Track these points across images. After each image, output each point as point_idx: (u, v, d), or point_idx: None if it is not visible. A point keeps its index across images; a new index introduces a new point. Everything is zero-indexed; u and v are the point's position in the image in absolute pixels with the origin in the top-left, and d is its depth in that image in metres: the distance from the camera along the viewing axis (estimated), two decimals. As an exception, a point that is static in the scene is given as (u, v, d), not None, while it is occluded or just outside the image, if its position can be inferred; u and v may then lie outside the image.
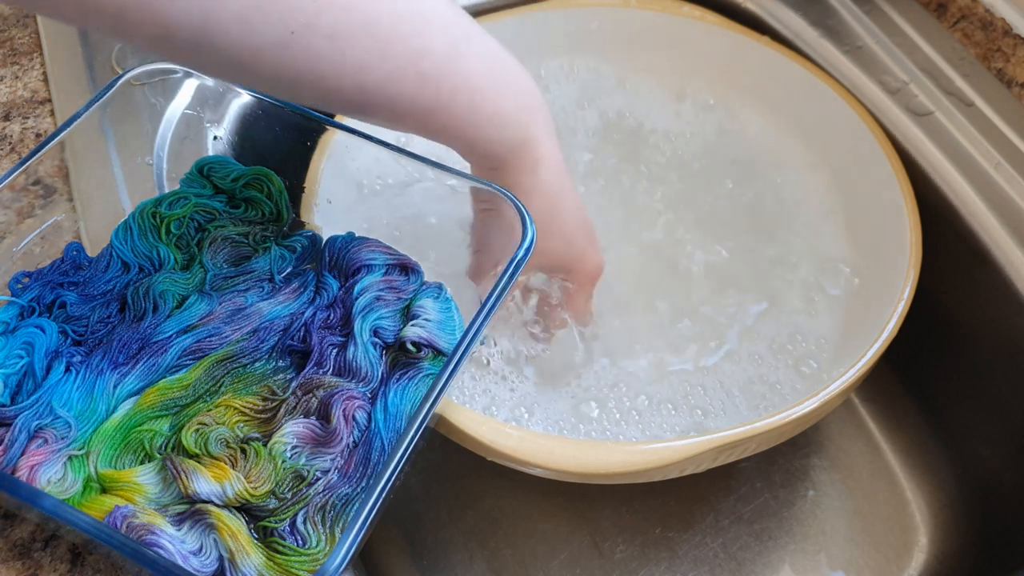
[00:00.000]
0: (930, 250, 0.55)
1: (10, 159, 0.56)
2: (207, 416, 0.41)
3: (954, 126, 0.61)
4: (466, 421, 0.46)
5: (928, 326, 0.60)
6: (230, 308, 0.45)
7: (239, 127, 0.56)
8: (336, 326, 0.45)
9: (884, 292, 0.54)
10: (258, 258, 0.48)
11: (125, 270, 0.47)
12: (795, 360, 0.57)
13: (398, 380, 0.42)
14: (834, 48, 0.66)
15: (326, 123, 0.50)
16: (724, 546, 0.60)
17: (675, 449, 0.46)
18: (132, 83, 0.52)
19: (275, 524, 0.38)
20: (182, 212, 0.49)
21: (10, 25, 0.64)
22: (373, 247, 0.48)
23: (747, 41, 0.67)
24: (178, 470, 0.38)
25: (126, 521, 0.36)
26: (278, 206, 0.50)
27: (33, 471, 0.39)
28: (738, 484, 0.62)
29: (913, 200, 0.57)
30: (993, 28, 0.64)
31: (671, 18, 0.68)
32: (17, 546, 0.42)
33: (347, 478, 0.39)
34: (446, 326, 0.45)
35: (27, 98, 0.60)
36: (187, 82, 0.52)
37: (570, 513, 0.61)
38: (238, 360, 0.43)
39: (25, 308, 0.45)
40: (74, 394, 0.41)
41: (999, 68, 0.63)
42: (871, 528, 0.62)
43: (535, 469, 0.46)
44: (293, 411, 0.42)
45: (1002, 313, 0.56)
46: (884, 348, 0.50)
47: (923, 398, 0.65)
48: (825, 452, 0.65)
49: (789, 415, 0.47)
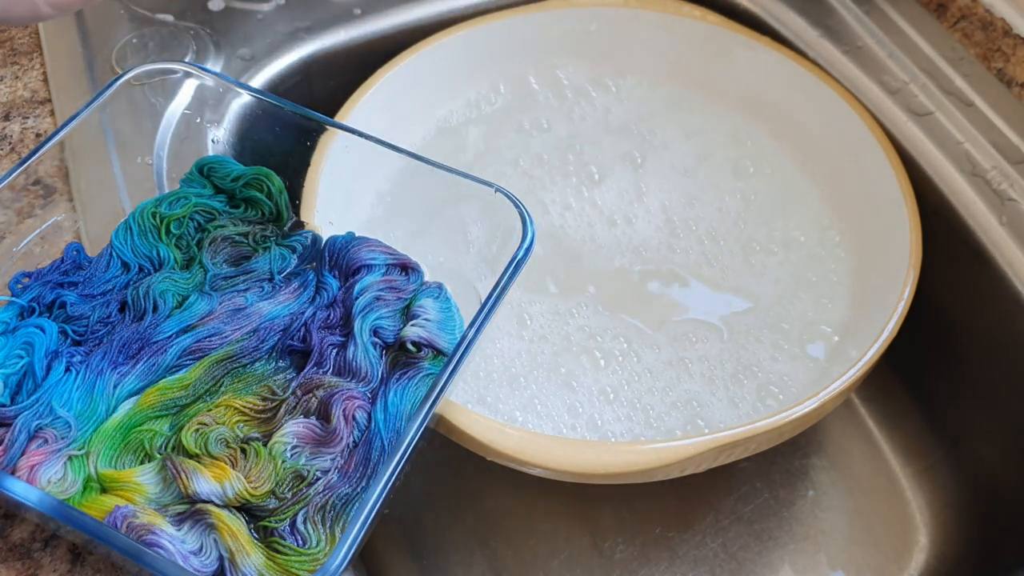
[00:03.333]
0: (930, 250, 0.55)
1: (10, 159, 0.56)
2: (207, 416, 0.41)
3: (954, 126, 0.61)
4: (466, 421, 0.46)
5: (928, 326, 0.60)
6: (230, 308, 0.45)
7: (239, 127, 0.56)
8: (336, 326, 0.45)
9: (884, 292, 0.54)
10: (258, 258, 0.48)
11: (125, 270, 0.47)
12: (795, 360, 0.57)
13: (398, 380, 0.42)
14: (834, 48, 0.66)
15: (326, 123, 0.50)
16: (724, 546, 0.60)
17: (675, 449, 0.46)
18: (132, 83, 0.52)
19: (275, 524, 0.38)
20: (182, 212, 0.49)
21: (10, 25, 0.64)
22: (373, 247, 0.48)
23: (747, 41, 0.67)
24: (178, 470, 0.38)
25: (126, 521, 0.36)
26: (278, 206, 0.50)
27: (33, 471, 0.39)
28: (738, 484, 0.62)
29: (913, 200, 0.57)
30: (993, 28, 0.64)
31: (671, 18, 0.68)
32: (17, 546, 0.42)
33: (347, 478, 0.39)
34: (446, 326, 0.45)
35: (27, 98, 0.60)
36: (187, 82, 0.52)
37: (570, 513, 0.61)
38: (238, 360, 0.43)
39: (25, 308, 0.45)
40: (74, 394, 0.41)
41: (999, 68, 0.63)
42: (871, 528, 0.62)
43: (535, 469, 0.46)
44: (293, 411, 0.42)
45: (1001, 313, 0.56)
46: (884, 348, 0.50)
47: (923, 398, 0.65)
48: (825, 452, 0.65)
49: (789, 415, 0.47)
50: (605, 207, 0.64)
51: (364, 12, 0.68)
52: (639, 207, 0.64)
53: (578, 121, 0.69)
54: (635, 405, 0.55)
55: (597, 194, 0.65)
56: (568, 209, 0.64)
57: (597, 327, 0.58)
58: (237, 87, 0.51)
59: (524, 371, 0.55)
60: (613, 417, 0.54)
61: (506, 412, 0.54)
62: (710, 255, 0.62)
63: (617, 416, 0.54)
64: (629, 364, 0.57)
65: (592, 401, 0.55)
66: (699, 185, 0.65)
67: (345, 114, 0.60)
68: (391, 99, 0.63)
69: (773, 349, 0.57)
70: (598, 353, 0.57)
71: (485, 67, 0.68)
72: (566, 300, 0.59)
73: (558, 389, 0.55)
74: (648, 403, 0.55)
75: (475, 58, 0.67)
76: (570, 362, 0.56)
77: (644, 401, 0.55)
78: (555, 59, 0.70)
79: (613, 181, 0.66)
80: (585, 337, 0.58)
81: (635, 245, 0.62)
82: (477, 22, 0.67)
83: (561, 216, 0.64)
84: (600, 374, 0.56)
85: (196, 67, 0.52)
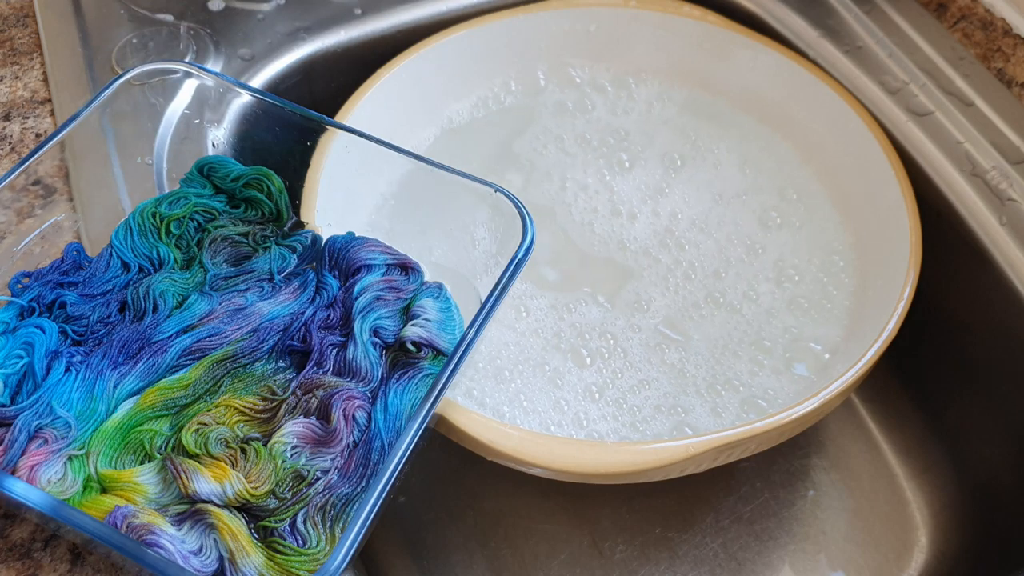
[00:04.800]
0: (930, 250, 0.55)
1: (10, 159, 0.56)
2: (207, 416, 0.41)
3: (954, 126, 0.61)
4: (466, 421, 0.46)
5: (928, 326, 0.60)
6: (230, 308, 0.45)
7: (239, 127, 0.56)
8: (336, 326, 0.45)
9: (884, 292, 0.54)
10: (258, 258, 0.48)
11: (125, 270, 0.47)
12: (795, 360, 0.57)
13: (398, 380, 0.42)
14: (834, 48, 0.66)
15: (326, 123, 0.50)
16: (724, 546, 0.60)
17: (675, 449, 0.46)
18: (132, 83, 0.52)
19: (275, 524, 0.38)
20: (182, 212, 0.49)
21: (10, 25, 0.64)
22: (373, 247, 0.48)
23: (747, 41, 0.67)
24: (178, 470, 0.38)
25: (126, 521, 0.36)
26: (278, 206, 0.50)
27: (33, 471, 0.39)
28: (738, 484, 0.62)
29: (913, 200, 0.57)
30: (993, 28, 0.64)
31: (671, 18, 0.68)
32: (17, 546, 0.42)
33: (347, 478, 0.39)
34: (446, 326, 0.45)
35: (27, 98, 0.60)
36: (187, 82, 0.52)
37: (570, 513, 0.61)
38: (238, 360, 0.43)
39: (25, 308, 0.45)
40: (74, 394, 0.41)
41: (999, 68, 0.63)
42: (871, 528, 0.62)
43: (535, 469, 0.46)
44: (293, 411, 0.42)
45: (1002, 313, 0.56)
46: (884, 348, 0.50)
47: (923, 398, 0.65)
48: (825, 452, 0.65)
49: (789, 415, 0.47)
50: (604, 206, 0.64)
51: (364, 12, 0.68)
52: (638, 206, 0.64)
53: (577, 121, 0.69)
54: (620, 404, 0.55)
55: (595, 194, 0.65)
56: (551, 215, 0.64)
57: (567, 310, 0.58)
58: (237, 87, 0.51)
59: (509, 365, 0.55)
60: (599, 415, 0.54)
61: (492, 407, 0.54)
62: (708, 253, 0.62)
63: (603, 415, 0.54)
64: (614, 360, 0.56)
65: (577, 398, 0.55)
66: (698, 184, 0.65)
67: (345, 114, 0.60)
68: (391, 99, 0.63)
69: (772, 348, 0.57)
70: (584, 350, 0.57)
71: (486, 66, 0.68)
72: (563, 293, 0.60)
73: (544, 385, 0.55)
74: (644, 401, 0.55)
75: (476, 58, 0.67)
76: (556, 358, 0.56)
77: (629, 401, 0.55)
78: (555, 59, 0.70)
79: (612, 180, 0.65)
80: (568, 328, 0.58)
81: (631, 243, 0.62)
82: (477, 22, 0.67)
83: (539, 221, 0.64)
84: (586, 371, 0.56)
85: (196, 67, 0.52)
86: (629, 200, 0.64)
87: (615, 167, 0.66)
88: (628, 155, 0.67)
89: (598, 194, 0.65)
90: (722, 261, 0.62)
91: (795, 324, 0.58)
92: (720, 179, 0.66)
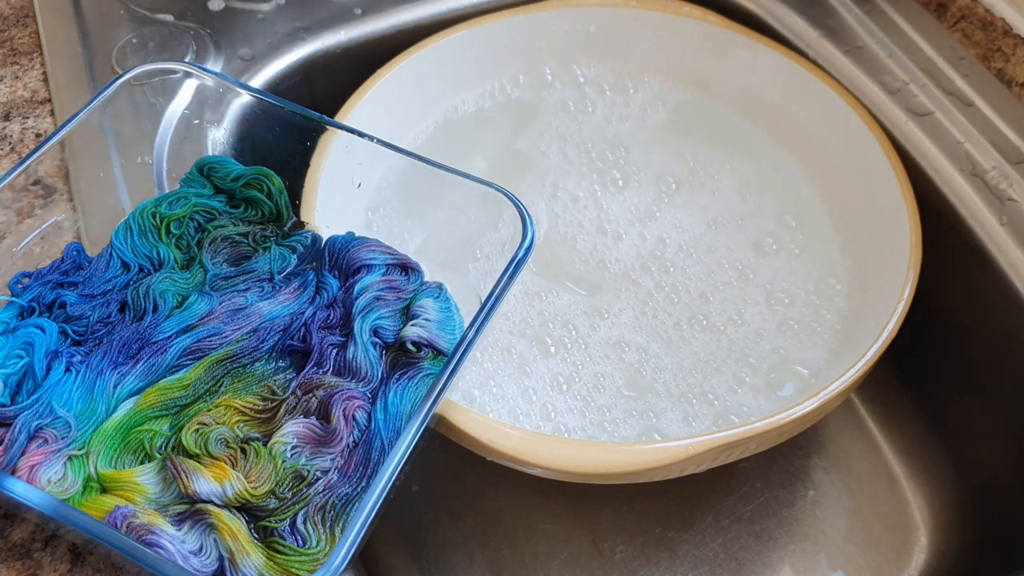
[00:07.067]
0: (930, 250, 0.55)
1: (10, 159, 0.56)
2: (207, 416, 0.41)
3: (954, 126, 0.61)
4: (466, 421, 0.46)
5: (928, 326, 0.60)
6: (230, 308, 0.45)
7: (239, 127, 0.56)
8: (336, 326, 0.45)
9: (884, 292, 0.54)
10: (258, 258, 0.48)
11: (125, 270, 0.47)
12: (794, 360, 0.57)
13: (398, 380, 0.42)
14: (834, 48, 0.66)
15: (326, 123, 0.50)
16: (724, 546, 0.60)
17: (675, 449, 0.46)
18: (132, 83, 0.52)
19: (275, 524, 0.38)
20: (182, 212, 0.49)
21: (10, 25, 0.64)
22: (373, 247, 0.48)
23: (747, 41, 0.67)
24: (178, 470, 0.38)
25: (126, 521, 0.36)
26: (278, 206, 0.50)
27: (33, 471, 0.39)
28: (738, 484, 0.62)
29: (913, 200, 0.57)
30: (993, 28, 0.64)
31: (671, 18, 0.68)
32: (17, 546, 0.42)
33: (347, 478, 0.39)
34: (446, 326, 0.45)
35: (27, 98, 0.60)
36: (187, 82, 0.52)
37: (570, 513, 0.61)
38: (238, 360, 0.43)
39: (25, 308, 0.45)
40: (74, 394, 0.41)
41: (999, 68, 0.63)
42: (871, 528, 0.62)
43: (535, 469, 0.46)
44: (293, 411, 0.42)
45: (1002, 313, 0.56)
46: (884, 348, 0.50)
47: (923, 398, 0.65)
48: (825, 452, 0.65)
49: (789, 415, 0.47)
50: (604, 205, 0.64)
51: (364, 12, 0.68)
52: (638, 206, 0.64)
53: (578, 121, 0.69)
54: (632, 402, 0.55)
55: (595, 193, 0.65)
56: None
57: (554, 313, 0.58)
58: (237, 87, 0.51)
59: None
60: (565, 408, 0.54)
61: (464, 389, 0.54)
62: (708, 253, 0.62)
63: (569, 407, 0.54)
64: (578, 350, 0.56)
65: (545, 389, 0.55)
66: (698, 184, 0.65)
67: (345, 114, 0.60)
68: (391, 99, 0.63)
69: (773, 348, 0.57)
70: (548, 340, 0.57)
71: (486, 66, 0.68)
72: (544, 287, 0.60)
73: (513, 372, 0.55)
74: (643, 400, 0.55)
75: (476, 58, 0.67)
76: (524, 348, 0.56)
77: (640, 399, 0.55)
78: (555, 59, 0.70)
79: (612, 180, 0.65)
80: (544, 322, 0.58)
81: (633, 243, 0.62)
82: (477, 22, 0.67)
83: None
84: (552, 360, 0.56)
85: (196, 67, 0.52)
86: (617, 220, 0.64)
87: (608, 185, 0.65)
88: (622, 174, 0.66)
89: (587, 208, 0.64)
90: (710, 285, 0.61)
91: (794, 323, 0.58)
92: (717, 203, 0.65)
